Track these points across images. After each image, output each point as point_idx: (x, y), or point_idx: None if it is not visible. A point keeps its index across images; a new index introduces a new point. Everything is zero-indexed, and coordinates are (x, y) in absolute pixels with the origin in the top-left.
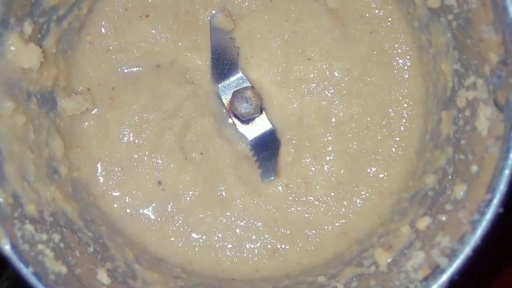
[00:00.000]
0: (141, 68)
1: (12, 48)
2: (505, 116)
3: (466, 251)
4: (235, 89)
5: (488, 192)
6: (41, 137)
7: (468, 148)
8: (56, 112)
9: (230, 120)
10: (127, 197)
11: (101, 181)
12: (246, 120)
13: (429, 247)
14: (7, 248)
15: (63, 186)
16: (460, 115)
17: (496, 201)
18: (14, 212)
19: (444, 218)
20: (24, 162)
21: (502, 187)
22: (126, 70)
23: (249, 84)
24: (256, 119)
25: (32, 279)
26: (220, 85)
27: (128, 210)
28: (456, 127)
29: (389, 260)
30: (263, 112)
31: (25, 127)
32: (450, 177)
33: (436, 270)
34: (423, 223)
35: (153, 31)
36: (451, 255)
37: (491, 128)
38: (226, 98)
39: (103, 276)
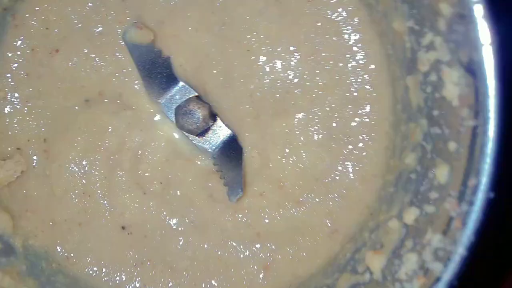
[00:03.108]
0: (68, 109)
1: None
2: (475, 80)
3: (460, 252)
4: (180, 101)
5: (471, 175)
6: None
7: (442, 121)
8: None
9: (184, 137)
10: (94, 253)
11: (60, 243)
12: (202, 132)
13: (420, 247)
14: None
15: (14, 268)
16: (426, 80)
17: (483, 186)
18: None
19: (431, 209)
20: None
21: (487, 168)
22: (52, 117)
23: (193, 93)
24: (212, 127)
25: None
26: (162, 101)
27: (99, 267)
28: (425, 95)
29: (382, 265)
30: (217, 118)
31: None
32: (429, 155)
33: (431, 278)
34: (411, 215)
35: (69, 65)
36: (445, 258)
37: (461, 96)
38: (172, 114)
39: None
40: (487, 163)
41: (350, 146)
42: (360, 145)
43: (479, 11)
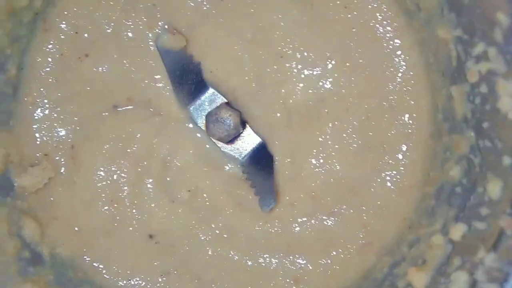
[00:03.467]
0: (97, 115)
1: None
2: None
3: None
4: (209, 108)
5: None
6: (1, 231)
7: (493, 134)
8: (14, 195)
9: (212, 144)
10: (121, 262)
11: (87, 252)
12: (231, 140)
13: (471, 265)
14: None
15: (42, 277)
16: (475, 92)
17: None
18: None
19: (482, 226)
20: None
21: None
22: (80, 122)
23: (223, 100)
24: (241, 135)
25: None
26: (191, 108)
27: (124, 277)
28: (473, 106)
29: (426, 283)
30: (247, 126)
31: None
32: (478, 169)
33: None
34: (458, 231)
35: (98, 70)
36: (502, 278)
37: None
38: (201, 121)
39: None
40: None
41: (386, 156)
42: (398, 155)
43: None
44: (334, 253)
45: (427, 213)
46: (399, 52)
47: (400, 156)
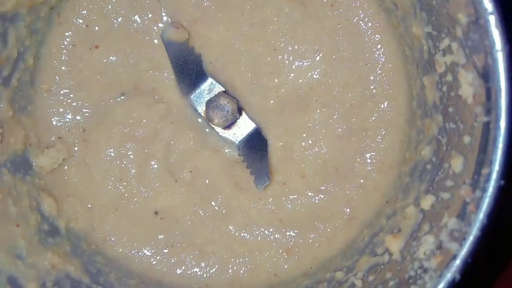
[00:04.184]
0: (106, 102)
1: None
2: (488, 82)
3: (474, 233)
4: (208, 97)
5: (485, 166)
6: (24, 205)
7: (457, 117)
8: (32, 174)
9: (211, 129)
10: (129, 236)
11: (98, 227)
12: (228, 125)
13: (437, 229)
14: None
15: (60, 247)
16: (442, 81)
17: (495, 174)
18: None
19: (446, 196)
20: (12, 240)
21: (499, 159)
22: (91, 108)
23: (221, 89)
24: (238, 121)
25: None
26: (192, 96)
27: (133, 249)
28: (441, 93)
29: (401, 247)
30: (243, 113)
31: (3, 204)
32: (444, 148)
33: (448, 256)
34: (427, 202)
35: (107, 60)
36: (460, 238)
37: (475, 95)
38: (201, 108)
39: None
40: (499, 155)
41: (368, 140)
42: (378, 138)
43: (492, 21)
44: (322, 226)
45: (402, 189)
46: (379, 46)
47: (380, 140)
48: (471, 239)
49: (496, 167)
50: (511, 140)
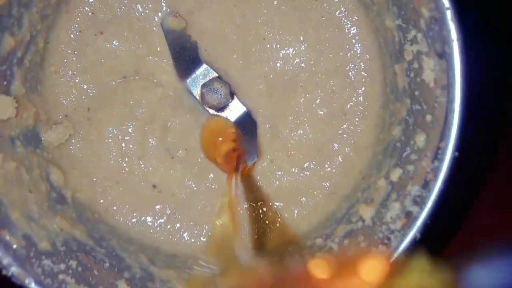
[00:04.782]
0: (109, 84)
1: None
2: (446, 67)
3: (432, 197)
4: (203, 81)
5: (442, 140)
6: (35, 175)
7: (422, 99)
8: (42, 147)
9: (205, 111)
10: (129, 207)
11: (101, 198)
12: (221, 108)
13: (403, 197)
14: (32, 286)
15: (67, 214)
16: (410, 68)
17: (450, 147)
18: (30, 252)
19: (411, 168)
20: (26, 203)
21: (453, 133)
22: (95, 90)
23: (215, 74)
24: (229, 105)
25: None
26: (188, 80)
27: (132, 219)
28: (409, 79)
29: (372, 214)
30: (234, 97)
31: (18, 171)
32: (411, 127)
33: (410, 218)
34: (396, 174)
35: (111, 45)
36: (421, 202)
37: (436, 79)
38: (196, 92)
39: (123, 287)
40: (453, 130)
41: (347, 123)
42: (355, 122)
43: (449, 14)
44: (304, 200)
45: (376, 166)
46: (357, 38)
47: (357, 123)
48: (430, 202)
49: (451, 141)
50: (464, 117)
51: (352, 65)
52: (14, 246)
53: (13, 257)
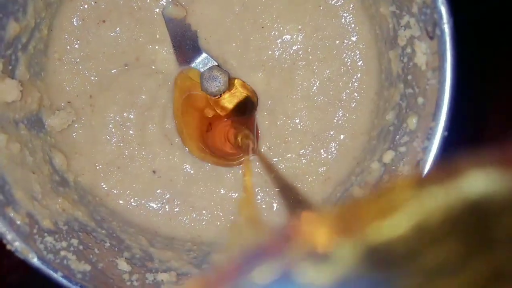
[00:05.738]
0: (111, 71)
1: None
2: (437, 49)
3: (423, 175)
4: (202, 69)
5: (433, 120)
6: (38, 157)
7: (414, 82)
8: (45, 132)
9: None
10: (129, 191)
11: (102, 182)
12: (220, 95)
13: (394, 178)
14: (35, 261)
15: (69, 196)
16: (403, 53)
17: (440, 127)
18: (33, 229)
19: (403, 149)
20: (29, 183)
21: (443, 113)
22: (97, 77)
23: (214, 63)
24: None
25: (63, 281)
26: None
27: (133, 203)
28: (403, 64)
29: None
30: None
31: (22, 153)
32: (404, 111)
33: None
34: (388, 156)
35: (113, 34)
36: None
37: (428, 62)
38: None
39: (123, 265)
40: (444, 110)
41: (342, 110)
42: (351, 109)
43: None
44: (301, 186)
45: (370, 151)
46: (353, 26)
47: (353, 110)
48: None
49: (441, 122)
50: (454, 97)
51: (348, 53)
52: (18, 222)
53: (17, 233)
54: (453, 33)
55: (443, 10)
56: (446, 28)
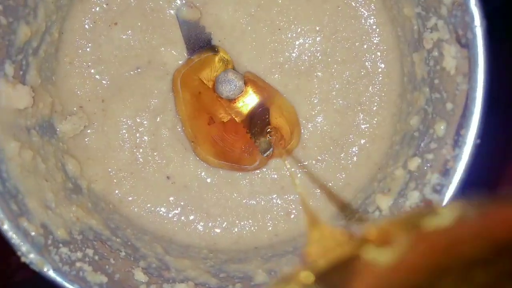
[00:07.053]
0: (123, 75)
1: (3, 95)
2: (468, 53)
3: (453, 185)
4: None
5: (463, 127)
6: (51, 164)
7: (441, 87)
8: (57, 138)
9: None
10: (143, 198)
11: (115, 188)
12: (234, 99)
13: (422, 186)
14: (51, 273)
15: (83, 204)
16: (429, 56)
17: (471, 134)
18: (47, 240)
19: (430, 156)
20: (43, 192)
21: (474, 121)
22: (109, 80)
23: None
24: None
25: None
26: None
27: (147, 209)
28: (428, 68)
29: (390, 204)
30: (249, 87)
31: (34, 160)
32: (430, 116)
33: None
34: (414, 163)
35: (125, 36)
36: (441, 190)
37: (458, 66)
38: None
39: (140, 275)
40: (475, 118)
41: (363, 114)
42: (372, 112)
43: (472, 0)
44: (318, 193)
45: (393, 156)
46: (374, 27)
47: (374, 113)
48: (450, 190)
49: (473, 128)
50: (485, 104)
51: (369, 56)
52: (32, 233)
53: (31, 244)
54: (486, 36)
55: (476, 12)
56: (479, 32)
